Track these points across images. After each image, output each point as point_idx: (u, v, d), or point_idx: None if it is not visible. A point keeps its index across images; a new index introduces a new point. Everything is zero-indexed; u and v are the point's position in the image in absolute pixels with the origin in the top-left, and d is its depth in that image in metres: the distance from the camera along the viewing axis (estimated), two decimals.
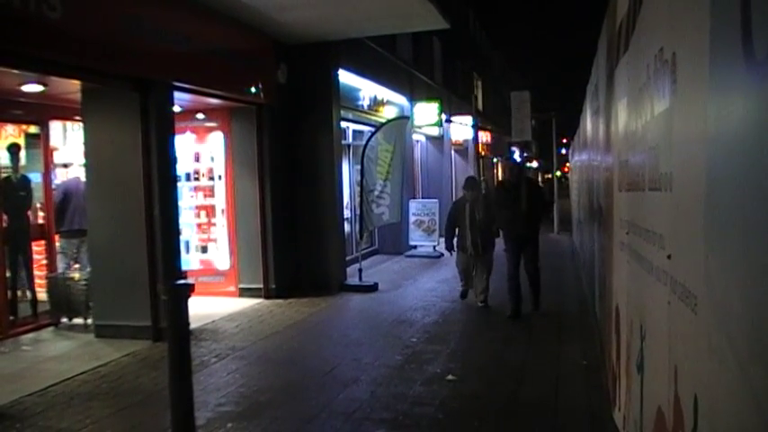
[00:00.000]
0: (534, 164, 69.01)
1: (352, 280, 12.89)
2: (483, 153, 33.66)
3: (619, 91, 4.31)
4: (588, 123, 9.70)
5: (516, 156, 54.85)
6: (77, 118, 9.45)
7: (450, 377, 7.05)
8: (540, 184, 37.22)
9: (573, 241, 19.31)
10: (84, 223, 9.55)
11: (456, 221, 10.94)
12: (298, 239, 12.45)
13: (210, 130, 11.93)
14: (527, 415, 6.02)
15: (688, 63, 2.08)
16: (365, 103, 15.55)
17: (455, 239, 11.10)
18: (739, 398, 1.47)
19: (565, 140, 45.81)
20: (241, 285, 11.83)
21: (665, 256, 2.43)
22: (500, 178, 18.33)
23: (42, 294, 9.62)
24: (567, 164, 39.45)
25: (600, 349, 6.95)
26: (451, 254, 11.30)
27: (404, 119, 15.76)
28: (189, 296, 4.80)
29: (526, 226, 9.93)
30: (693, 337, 1.99)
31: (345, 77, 13.45)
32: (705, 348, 1.82)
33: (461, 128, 25.07)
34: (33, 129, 9.81)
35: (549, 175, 50.16)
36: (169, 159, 8.83)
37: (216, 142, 11.91)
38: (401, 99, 18.52)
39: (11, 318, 9.08)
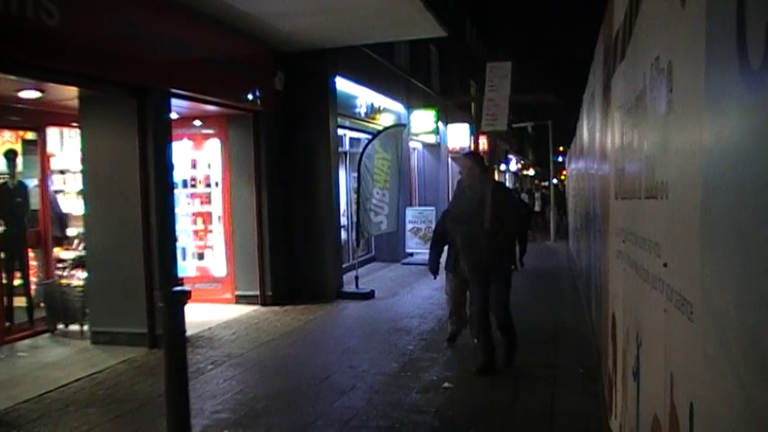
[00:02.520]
0: (531, 171, 69.02)
1: (349, 287, 12.88)
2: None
3: (615, 99, 4.32)
4: (585, 131, 9.72)
5: (511, 161, 54.63)
6: (74, 124, 9.46)
7: (446, 385, 7.04)
8: (533, 191, 36.52)
9: (569, 249, 19.33)
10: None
11: (445, 236, 8.51)
12: (294, 247, 12.44)
13: (207, 137, 11.94)
14: (523, 422, 6.02)
15: (684, 72, 2.09)
16: (362, 110, 15.56)
17: (445, 259, 8.79)
18: (735, 406, 1.47)
19: (561, 149, 45.94)
20: (237, 292, 11.82)
21: (662, 264, 2.43)
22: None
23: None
24: (564, 172, 39.49)
25: (596, 357, 6.96)
26: (435, 277, 8.97)
27: (401, 126, 15.78)
28: (185, 303, 4.81)
29: (490, 251, 7.30)
30: (689, 344, 1.99)
31: (342, 85, 13.46)
32: (701, 356, 1.82)
33: (458, 135, 25.08)
34: (30, 135, 9.80)
35: (546, 183, 50.01)
36: (166, 166, 8.94)
37: (213, 149, 11.92)
38: (398, 107, 18.54)
39: (7, 324, 9.06)
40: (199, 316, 10.04)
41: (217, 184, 11.92)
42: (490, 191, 7.34)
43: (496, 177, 38.79)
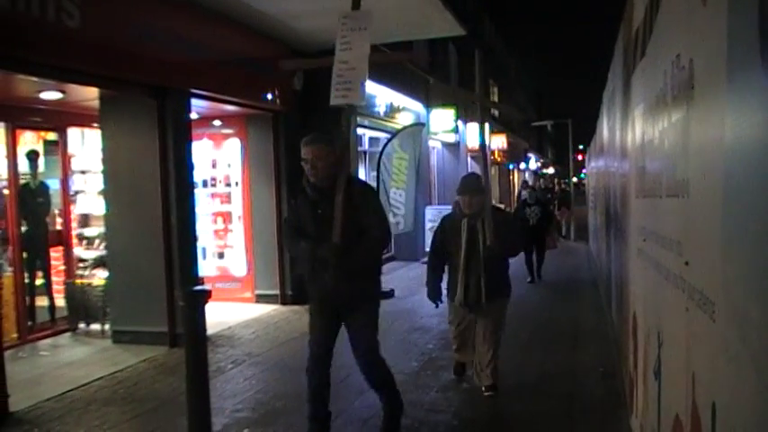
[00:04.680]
0: (551, 170, 68.73)
1: None
2: (499, 159, 33.63)
3: (635, 97, 4.30)
4: (605, 129, 9.67)
5: (531, 159, 54.40)
6: (95, 125, 9.52)
7: (465, 385, 7.03)
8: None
9: (589, 249, 19.24)
10: None
11: (444, 250, 6.76)
12: None
13: (227, 136, 11.99)
14: (543, 422, 5.99)
15: (705, 70, 2.07)
16: (381, 109, 15.56)
17: (446, 283, 6.81)
18: (758, 405, 1.46)
19: (581, 146, 45.70)
20: (257, 292, 11.85)
21: (683, 263, 2.42)
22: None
23: (60, 300, 9.69)
24: (584, 170, 39.35)
25: (617, 356, 6.93)
26: (437, 305, 6.93)
27: (419, 126, 15.77)
28: (206, 302, 4.82)
29: (343, 274, 5.12)
30: (711, 343, 1.98)
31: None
32: (723, 355, 1.81)
33: (477, 134, 25.02)
34: (52, 135, 9.88)
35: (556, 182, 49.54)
36: (186, 166, 8.97)
37: (232, 149, 11.96)
38: (417, 105, 18.52)
39: (29, 323, 9.14)
40: (219, 315, 10.08)
41: (237, 184, 11.97)
42: (343, 187, 5.15)
43: (516, 177, 37.85)
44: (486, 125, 25.52)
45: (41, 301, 9.56)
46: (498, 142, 32.72)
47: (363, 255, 5.29)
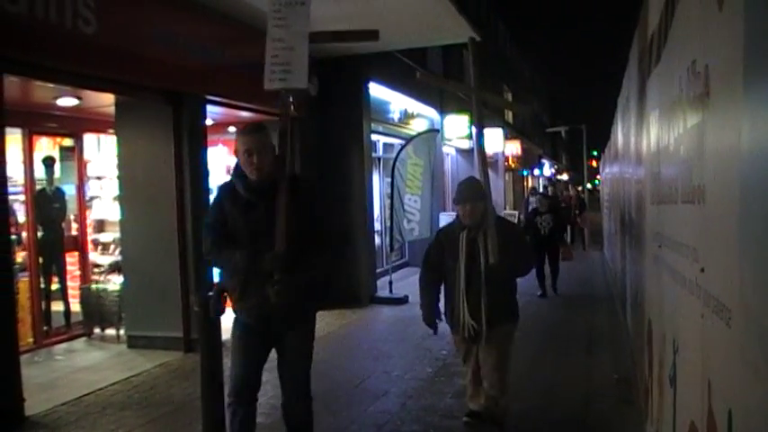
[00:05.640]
0: (565, 176, 68.54)
1: (383, 292, 12.87)
2: (513, 166, 33.56)
3: (650, 103, 4.29)
4: (619, 135, 9.64)
5: (545, 165, 54.30)
6: (111, 131, 9.57)
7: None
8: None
9: (604, 255, 19.17)
10: None
11: (441, 267, 5.85)
12: None
13: None
14: (558, 428, 5.98)
15: (721, 75, 2.07)
16: (395, 115, 15.57)
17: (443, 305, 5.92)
18: None
19: (595, 152, 45.52)
20: None
21: (699, 270, 2.41)
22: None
23: (75, 305, 9.74)
24: (598, 176, 39.20)
25: (632, 363, 6.90)
26: (435, 331, 5.90)
27: (433, 132, 15.76)
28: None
29: (285, 290, 4.22)
30: (727, 350, 1.97)
31: (376, 90, 13.47)
32: (739, 362, 1.80)
33: (492, 141, 25.01)
34: (68, 141, 9.95)
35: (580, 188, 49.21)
36: (201, 172, 8.99)
37: None
38: (431, 112, 18.51)
39: (45, 328, 9.18)
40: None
41: None
42: (285, 187, 4.44)
43: (530, 184, 37.72)
44: (500, 130, 25.55)
45: (57, 306, 9.61)
46: (512, 148, 32.65)
47: (319, 268, 4.53)
